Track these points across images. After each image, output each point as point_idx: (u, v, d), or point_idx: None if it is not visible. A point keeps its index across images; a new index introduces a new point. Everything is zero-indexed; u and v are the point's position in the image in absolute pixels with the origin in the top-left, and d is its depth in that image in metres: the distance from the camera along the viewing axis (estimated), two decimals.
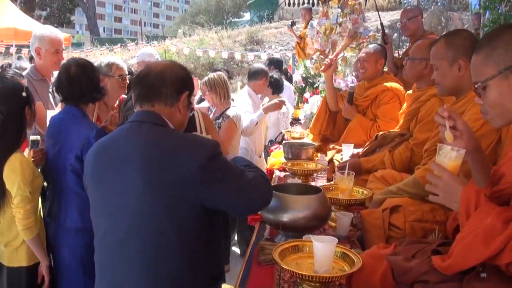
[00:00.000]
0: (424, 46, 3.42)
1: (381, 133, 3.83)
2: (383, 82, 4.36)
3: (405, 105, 3.89)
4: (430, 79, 3.35)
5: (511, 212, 1.54)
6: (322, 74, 6.36)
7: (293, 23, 9.01)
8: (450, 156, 1.81)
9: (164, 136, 2.05)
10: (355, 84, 5.01)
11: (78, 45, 29.96)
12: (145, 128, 2.05)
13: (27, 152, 3.24)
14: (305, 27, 8.58)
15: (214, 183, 1.95)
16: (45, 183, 3.25)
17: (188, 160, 1.93)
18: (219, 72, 5.02)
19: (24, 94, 3.06)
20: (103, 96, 3.34)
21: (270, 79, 6.09)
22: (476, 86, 1.82)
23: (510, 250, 1.46)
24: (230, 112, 4.74)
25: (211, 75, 4.90)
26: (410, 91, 3.77)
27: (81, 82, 3.15)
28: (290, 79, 8.55)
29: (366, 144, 3.91)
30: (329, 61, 4.75)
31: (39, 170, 3.18)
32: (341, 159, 4.06)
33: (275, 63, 8.12)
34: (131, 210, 1.96)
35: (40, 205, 3.20)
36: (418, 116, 3.45)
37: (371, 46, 4.59)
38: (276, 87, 6.69)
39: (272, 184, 3.13)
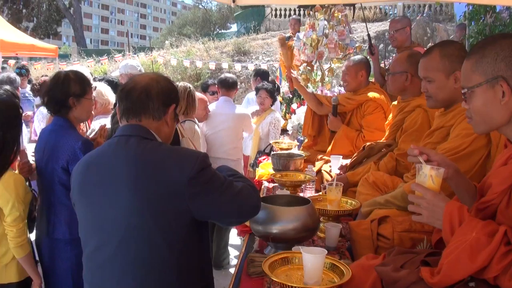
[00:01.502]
0: (403, 59, 3.48)
1: (368, 144, 3.85)
2: (367, 92, 4.39)
3: (391, 115, 3.92)
4: (414, 90, 3.40)
5: (495, 226, 1.57)
6: (310, 85, 6.41)
7: (289, 37, 9.06)
8: (430, 175, 1.84)
9: (153, 150, 2.03)
10: (337, 95, 5.07)
11: (65, 56, 29.83)
12: (133, 142, 2.04)
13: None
14: (292, 40, 8.63)
15: (204, 194, 1.96)
16: None
17: (177, 173, 1.94)
18: (185, 84, 4.78)
19: (21, 111, 3.08)
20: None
21: (266, 89, 6.12)
22: (463, 91, 1.85)
23: (496, 263, 1.47)
24: (185, 127, 4.59)
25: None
26: (395, 102, 3.80)
27: (70, 91, 3.16)
28: (277, 90, 8.58)
29: (354, 155, 3.93)
30: (287, 77, 4.90)
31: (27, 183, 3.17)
32: (330, 170, 4.07)
33: (261, 74, 8.12)
34: (122, 224, 1.94)
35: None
36: (403, 127, 3.47)
37: (351, 58, 4.64)
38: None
39: (261, 196, 3.14)
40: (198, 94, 5.03)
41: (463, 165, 2.40)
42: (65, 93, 3.17)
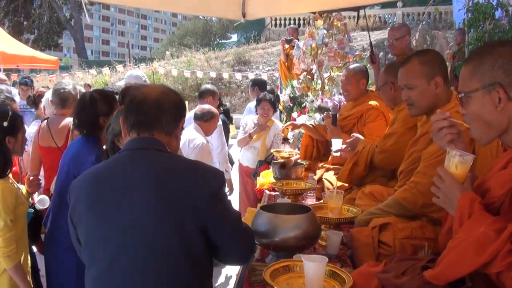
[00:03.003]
0: (382, 72, 3.65)
1: None
2: (368, 100, 4.39)
3: None
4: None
5: (503, 223, 1.56)
6: (310, 94, 6.41)
7: (291, 40, 9.07)
8: (454, 161, 1.84)
9: (173, 162, 2.02)
10: (343, 103, 5.06)
11: (66, 68, 29.91)
12: (150, 154, 2.00)
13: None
14: (292, 48, 8.65)
15: (221, 212, 1.98)
16: None
17: (200, 186, 1.93)
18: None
19: (5, 123, 3.05)
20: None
21: (269, 101, 6.11)
22: (459, 95, 1.86)
23: (501, 259, 1.48)
24: None
25: None
26: None
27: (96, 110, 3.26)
28: (277, 99, 8.59)
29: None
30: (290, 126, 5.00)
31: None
32: (332, 181, 4.06)
33: (259, 84, 8.11)
34: (141, 237, 1.88)
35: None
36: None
37: (350, 67, 4.61)
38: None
39: (262, 204, 3.15)
40: None
41: None
42: (94, 114, 3.30)
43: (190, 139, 5.14)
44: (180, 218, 1.88)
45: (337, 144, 4.07)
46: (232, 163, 6.75)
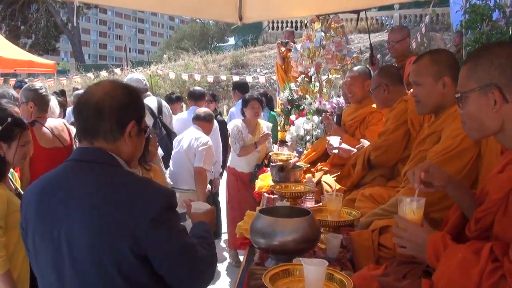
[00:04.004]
0: (375, 75, 3.72)
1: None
2: (371, 103, 4.38)
3: None
4: (395, 97, 3.51)
5: (479, 244, 1.58)
6: (308, 96, 6.40)
7: (286, 43, 9.07)
8: (411, 207, 1.87)
9: (111, 181, 1.80)
10: (343, 106, 5.05)
11: (63, 72, 29.87)
12: (88, 169, 1.81)
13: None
14: (288, 51, 8.64)
15: (163, 240, 1.76)
16: None
17: (138, 211, 1.71)
18: None
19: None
20: None
21: (258, 99, 6.07)
22: (457, 95, 1.85)
23: (486, 280, 1.47)
24: None
25: None
26: None
27: None
28: (270, 101, 8.54)
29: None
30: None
31: None
32: (331, 183, 4.05)
33: (238, 87, 8.04)
34: (78, 267, 1.72)
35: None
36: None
37: (355, 69, 4.61)
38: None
39: (261, 208, 3.13)
40: None
41: (455, 165, 2.45)
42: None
43: (196, 137, 5.50)
44: (116, 247, 1.69)
45: (335, 141, 4.06)
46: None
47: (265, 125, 6.08)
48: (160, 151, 5.17)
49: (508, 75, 1.69)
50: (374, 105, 4.34)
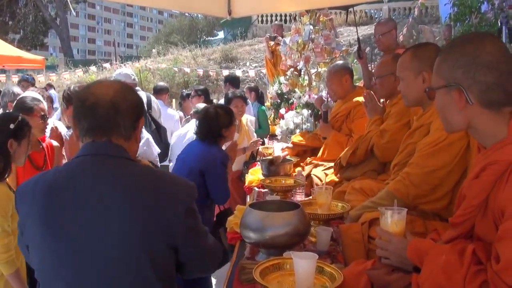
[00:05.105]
0: (389, 61, 3.49)
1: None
2: (354, 97, 4.39)
3: None
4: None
5: (462, 244, 1.57)
6: (297, 90, 6.41)
7: (275, 37, 9.08)
8: (392, 220, 1.90)
9: (143, 173, 1.84)
10: (328, 101, 5.06)
11: (52, 67, 29.69)
12: (115, 163, 1.81)
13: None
14: (277, 44, 8.66)
15: (193, 228, 1.86)
16: None
17: (174, 201, 1.78)
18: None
19: (12, 126, 3.03)
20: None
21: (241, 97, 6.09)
22: (426, 89, 1.85)
23: (469, 282, 1.46)
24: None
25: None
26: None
27: None
28: (261, 97, 8.56)
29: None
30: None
31: None
32: (321, 177, 4.05)
33: (230, 81, 8.13)
34: (105, 257, 1.70)
35: None
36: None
37: (330, 67, 4.63)
38: None
39: (251, 202, 3.13)
40: None
41: (443, 157, 2.47)
42: (219, 126, 3.95)
43: None
44: (154, 237, 1.73)
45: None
46: None
47: (248, 120, 6.08)
48: (156, 149, 5.22)
49: (471, 76, 1.60)
50: (358, 98, 4.35)
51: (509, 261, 1.36)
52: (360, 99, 4.33)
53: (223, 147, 4.18)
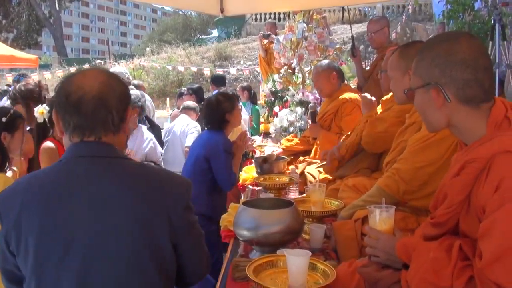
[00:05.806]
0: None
1: None
2: (341, 94, 4.41)
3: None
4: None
5: (449, 240, 1.57)
6: (291, 88, 6.41)
7: (268, 35, 9.08)
8: (381, 218, 1.90)
9: (136, 173, 1.77)
10: (315, 101, 5.09)
11: (45, 66, 29.58)
12: (106, 164, 1.73)
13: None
14: (270, 43, 8.66)
15: (191, 225, 1.84)
16: None
17: (174, 198, 1.76)
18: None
19: (4, 119, 3.11)
20: None
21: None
22: (404, 90, 1.85)
23: (456, 279, 1.46)
24: None
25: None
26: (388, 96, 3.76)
27: None
28: (253, 97, 8.58)
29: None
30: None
31: None
32: (314, 174, 4.05)
33: (214, 81, 8.17)
34: (109, 257, 1.66)
35: None
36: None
37: (317, 65, 4.65)
38: None
39: (245, 199, 3.14)
40: None
41: (433, 153, 2.46)
42: (221, 112, 4.07)
43: (187, 123, 6.04)
44: (156, 239, 1.70)
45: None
46: None
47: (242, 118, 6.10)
48: (159, 149, 5.33)
49: (448, 74, 1.60)
50: (345, 96, 4.36)
51: (492, 258, 1.36)
52: (347, 95, 4.35)
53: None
